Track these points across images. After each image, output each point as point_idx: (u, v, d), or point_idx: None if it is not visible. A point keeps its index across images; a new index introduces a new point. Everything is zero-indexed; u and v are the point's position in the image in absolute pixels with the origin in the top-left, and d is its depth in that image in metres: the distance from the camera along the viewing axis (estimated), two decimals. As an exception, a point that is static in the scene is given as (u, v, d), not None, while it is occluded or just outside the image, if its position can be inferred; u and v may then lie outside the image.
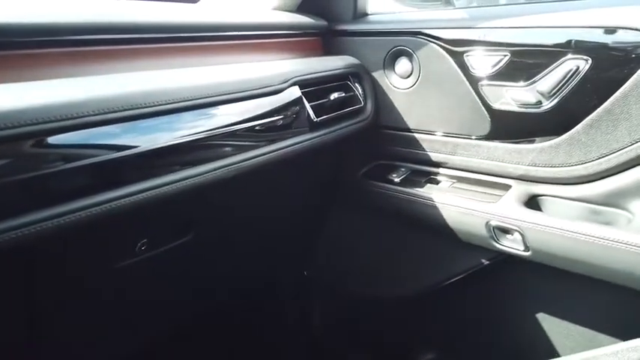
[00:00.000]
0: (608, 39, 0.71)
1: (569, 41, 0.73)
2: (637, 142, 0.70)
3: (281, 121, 0.73)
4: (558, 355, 0.86)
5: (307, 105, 0.77)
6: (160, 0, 1.12)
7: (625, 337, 0.72)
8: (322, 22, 0.98)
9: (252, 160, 0.67)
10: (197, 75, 0.67)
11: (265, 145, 0.70)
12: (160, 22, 0.70)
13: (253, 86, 0.69)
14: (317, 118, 0.78)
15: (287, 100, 0.74)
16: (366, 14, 1.01)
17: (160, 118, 0.56)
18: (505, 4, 1.17)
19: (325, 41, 1.01)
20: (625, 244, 0.68)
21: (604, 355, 0.75)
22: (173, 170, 0.57)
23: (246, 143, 0.68)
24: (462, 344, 0.99)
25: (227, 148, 0.65)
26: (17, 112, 0.43)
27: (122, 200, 0.51)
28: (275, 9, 0.98)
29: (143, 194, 0.53)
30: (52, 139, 0.46)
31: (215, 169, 0.62)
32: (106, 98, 0.51)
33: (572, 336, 0.83)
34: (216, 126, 0.63)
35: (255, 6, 0.99)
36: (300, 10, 0.99)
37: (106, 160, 0.50)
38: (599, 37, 0.71)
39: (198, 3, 1.07)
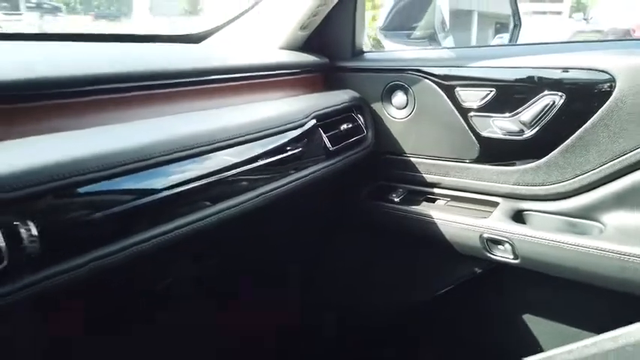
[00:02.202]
0: (579, 78, 0.85)
1: (546, 80, 0.87)
2: (605, 164, 0.84)
3: (303, 152, 0.82)
4: (544, 350, 0.97)
5: (324, 136, 0.87)
6: (163, 42, 1.19)
7: (603, 330, 0.85)
8: (325, 60, 1.09)
9: (281, 188, 0.76)
10: (229, 116, 0.75)
11: (292, 174, 0.79)
12: (174, 69, 0.75)
13: (280, 123, 0.79)
14: (332, 147, 0.89)
15: (308, 133, 0.84)
16: (363, 52, 1.13)
17: (205, 156, 0.64)
18: (490, 46, 1.32)
19: (327, 77, 1.11)
20: (598, 250, 0.81)
21: (584, 347, 0.87)
22: (220, 201, 0.65)
23: (276, 174, 0.77)
24: (459, 344, 1.10)
25: (261, 179, 0.73)
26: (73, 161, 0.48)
27: (171, 234, 0.57)
28: (282, 48, 1.09)
29: (200, 222, 0.61)
30: (110, 183, 0.51)
31: (252, 198, 0.70)
32: (162, 141, 0.58)
33: (558, 332, 0.95)
34: (252, 160, 0.71)
35: (262, 45, 1.09)
36: (303, 48, 1.10)
37: (164, 196, 0.57)
38: (571, 76, 0.85)
39: (202, 44, 1.15)
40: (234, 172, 0.68)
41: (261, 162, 0.73)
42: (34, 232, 0.45)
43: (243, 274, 0.98)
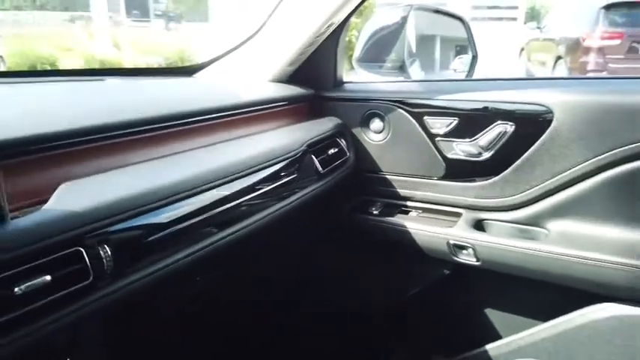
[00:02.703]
0: (525, 110, 1.02)
1: (499, 111, 1.04)
2: (548, 180, 1.01)
3: (299, 176, 0.97)
4: (502, 337, 1.15)
5: (316, 161, 1.02)
6: (159, 75, 1.30)
7: (551, 317, 1.03)
8: (311, 91, 1.24)
9: (284, 208, 0.91)
10: (235, 150, 0.89)
11: (292, 196, 0.94)
12: (173, 112, 0.82)
13: (281, 153, 0.93)
14: (323, 170, 1.04)
15: (303, 160, 0.99)
16: (343, 82, 1.28)
17: (219, 189, 0.77)
18: (453, 80, 1.50)
19: (312, 106, 1.26)
20: (544, 252, 0.99)
21: (535, 332, 1.05)
22: (235, 224, 0.79)
23: (278, 198, 0.91)
24: (431, 336, 1.26)
25: (266, 203, 0.87)
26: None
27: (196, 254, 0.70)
28: (271, 81, 1.23)
29: (212, 245, 0.74)
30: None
31: (257, 220, 0.84)
32: (184, 180, 0.70)
33: (514, 322, 1.12)
34: (258, 188, 0.85)
35: (253, 78, 1.22)
36: (290, 81, 1.24)
37: (185, 225, 0.70)
38: (518, 109, 1.03)
39: (197, 76, 1.27)
40: (244, 198, 0.82)
41: (265, 189, 0.87)
42: (109, 252, 0.58)
43: (243, 286, 1.11)
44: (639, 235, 0.93)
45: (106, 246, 0.57)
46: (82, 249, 0.55)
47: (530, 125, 1.02)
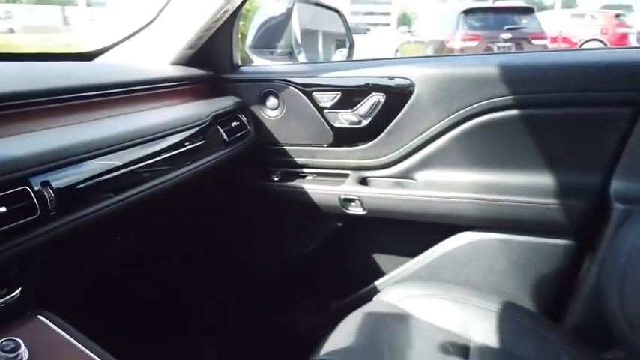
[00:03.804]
0: (392, 83, 1.25)
1: (373, 85, 1.25)
2: (414, 139, 1.24)
3: (208, 143, 1.09)
4: (386, 274, 1.37)
5: (221, 130, 1.15)
6: (57, 60, 1.32)
7: (424, 249, 1.27)
8: (210, 73, 1.35)
9: (194, 170, 1.03)
10: (145, 119, 0.99)
11: (200, 159, 1.06)
12: (68, 85, 0.86)
13: (190, 121, 1.04)
14: (228, 139, 1.17)
15: (210, 129, 1.11)
16: (239, 65, 1.42)
17: (135, 148, 0.87)
18: (335, 62, 1.70)
19: (212, 87, 1.38)
20: (414, 196, 1.22)
21: (412, 264, 1.28)
22: (150, 180, 0.89)
23: (189, 160, 1.03)
24: (329, 280, 1.45)
25: (178, 165, 0.99)
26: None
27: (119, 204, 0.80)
28: (171, 63, 1.32)
29: (137, 196, 0.85)
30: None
31: (170, 179, 0.95)
32: (102, 139, 0.80)
33: (396, 259, 1.35)
34: (170, 150, 0.96)
35: (153, 61, 1.31)
36: (190, 64, 1.35)
37: (113, 177, 0.79)
38: (388, 82, 1.24)
39: (95, 61, 1.32)
40: (161, 157, 0.93)
41: (179, 151, 0.99)
42: (52, 193, 0.66)
43: (158, 245, 1.20)
44: (485, 175, 1.19)
45: (49, 187, 0.66)
46: (28, 188, 0.63)
47: (398, 95, 1.24)
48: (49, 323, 0.66)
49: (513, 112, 1.14)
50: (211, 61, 1.36)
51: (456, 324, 0.99)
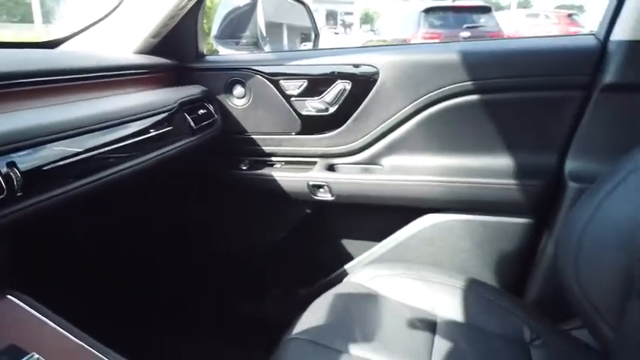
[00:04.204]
0: (357, 71, 1.27)
1: (339, 72, 1.27)
2: (379, 126, 1.27)
3: (175, 129, 1.09)
4: (354, 258, 1.39)
5: (189, 117, 1.15)
6: (20, 48, 1.29)
7: (391, 233, 1.30)
8: (174, 62, 1.35)
9: (161, 156, 1.02)
10: (111, 104, 0.98)
11: (167, 146, 1.05)
12: (28, 70, 0.85)
13: (158, 106, 1.04)
14: (195, 126, 1.16)
15: (177, 115, 1.10)
16: (204, 55, 1.42)
17: (102, 132, 0.87)
18: (301, 50, 1.72)
19: (177, 76, 1.37)
20: (380, 180, 1.25)
21: (380, 247, 1.31)
22: (117, 164, 0.89)
23: (156, 146, 1.02)
24: (296, 273, 1.47)
25: (145, 149, 0.98)
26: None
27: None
28: (135, 52, 1.31)
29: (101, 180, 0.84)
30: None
31: (137, 164, 0.95)
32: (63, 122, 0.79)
33: (363, 244, 1.37)
34: (136, 135, 0.96)
35: (117, 50, 1.29)
36: (155, 52, 1.34)
37: (73, 162, 0.78)
38: (353, 70, 1.27)
39: (58, 49, 1.29)
40: (129, 142, 0.92)
41: (146, 136, 0.98)
42: (18, 174, 0.65)
43: (125, 229, 1.19)
44: (448, 158, 1.24)
45: (15, 168, 0.65)
46: None
47: (363, 82, 1.26)
48: (18, 302, 0.65)
49: (474, 97, 1.18)
50: (176, 50, 1.35)
51: (423, 301, 1.03)
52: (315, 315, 0.96)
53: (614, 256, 0.79)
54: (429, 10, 8.70)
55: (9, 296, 0.66)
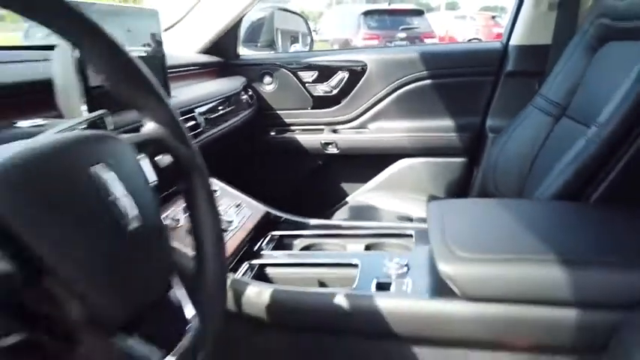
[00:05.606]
0: (352, 65, 1.88)
1: (340, 66, 1.89)
2: (369, 100, 1.89)
3: (243, 104, 1.66)
4: (349, 194, 2.01)
5: (246, 95, 1.72)
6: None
7: (376, 175, 1.94)
8: (221, 59, 1.90)
9: (239, 120, 1.60)
10: (198, 88, 1.54)
11: (241, 112, 1.63)
12: None
13: (233, 89, 1.61)
14: (250, 101, 1.74)
15: (243, 95, 1.68)
16: (239, 55, 1.98)
17: (215, 104, 1.44)
18: (310, 51, 2.32)
19: (222, 70, 1.92)
20: (368, 136, 1.88)
21: (365, 188, 1.94)
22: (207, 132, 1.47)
23: (234, 113, 1.59)
24: (305, 213, 2.07)
25: (229, 117, 1.56)
26: None
27: None
28: (196, 52, 1.85)
29: None
30: None
31: (230, 124, 1.52)
32: None
33: (356, 185, 2.00)
34: (228, 106, 1.53)
35: (184, 49, 1.82)
36: (208, 52, 1.88)
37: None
38: (349, 64, 1.88)
39: None
40: (229, 108, 1.49)
41: (227, 109, 1.55)
42: (202, 119, 1.22)
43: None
44: (412, 122, 1.87)
45: (200, 115, 1.22)
46: None
47: (356, 72, 1.88)
48: None
49: (426, 81, 1.84)
50: (221, 51, 1.91)
51: (400, 209, 1.67)
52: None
53: (514, 169, 1.47)
54: (367, 13, 9.42)
55: None
